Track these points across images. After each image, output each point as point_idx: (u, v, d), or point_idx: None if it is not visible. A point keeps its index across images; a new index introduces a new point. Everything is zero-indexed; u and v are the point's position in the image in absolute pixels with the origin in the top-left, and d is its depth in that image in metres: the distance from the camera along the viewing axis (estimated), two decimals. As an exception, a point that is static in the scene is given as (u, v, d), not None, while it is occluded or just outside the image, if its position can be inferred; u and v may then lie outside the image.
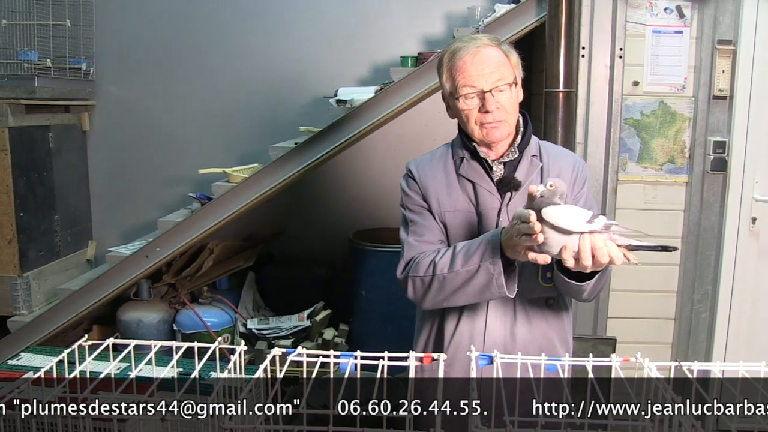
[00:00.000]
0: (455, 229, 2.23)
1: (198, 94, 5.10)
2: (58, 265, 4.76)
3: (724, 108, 3.93)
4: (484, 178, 2.21)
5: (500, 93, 2.14)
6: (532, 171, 2.22)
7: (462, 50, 2.14)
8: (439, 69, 2.22)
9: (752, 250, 4.01)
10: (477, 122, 2.16)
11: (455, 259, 2.11)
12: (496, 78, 2.13)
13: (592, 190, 3.92)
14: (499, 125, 2.15)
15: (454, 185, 2.25)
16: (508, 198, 2.19)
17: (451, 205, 2.23)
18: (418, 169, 2.30)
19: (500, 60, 2.16)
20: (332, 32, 4.98)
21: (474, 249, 2.08)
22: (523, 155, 2.23)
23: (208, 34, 5.05)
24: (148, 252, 4.13)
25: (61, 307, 4.17)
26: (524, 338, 2.22)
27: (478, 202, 2.21)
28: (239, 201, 4.06)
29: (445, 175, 2.26)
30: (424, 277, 2.16)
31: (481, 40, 2.16)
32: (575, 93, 3.91)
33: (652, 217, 4.05)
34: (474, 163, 2.22)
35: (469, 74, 2.12)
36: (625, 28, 3.92)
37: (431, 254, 2.19)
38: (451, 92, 2.18)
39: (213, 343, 1.82)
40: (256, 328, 4.38)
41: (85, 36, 4.90)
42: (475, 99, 2.14)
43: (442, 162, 2.29)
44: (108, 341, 1.82)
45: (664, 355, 4.14)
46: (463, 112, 2.16)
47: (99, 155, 5.20)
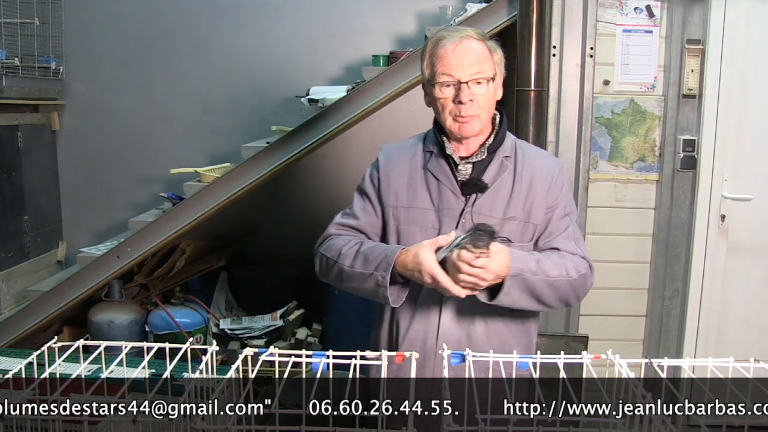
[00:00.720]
0: (409, 225, 2.22)
1: (169, 93, 5.06)
2: (27, 266, 4.70)
3: (694, 107, 3.98)
4: (448, 177, 2.20)
5: (477, 85, 2.13)
6: (502, 173, 2.21)
7: (446, 39, 2.14)
8: (422, 56, 2.21)
9: (721, 247, 4.06)
10: (451, 114, 2.15)
11: (357, 257, 2.17)
12: (475, 70, 2.12)
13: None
14: (472, 120, 2.15)
15: (418, 180, 2.24)
16: (473, 200, 2.18)
17: (409, 201, 2.23)
18: (386, 160, 2.30)
19: (482, 54, 2.15)
20: (304, 31, 4.97)
21: (374, 256, 2.14)
22: (494, 156, 2.21)
23: (179, 32, 5.02)
24: (120, 252, 4.09)
25: (31, 309, 4.12)
26: (480, 341, 2.20)
27: (441, 201, 2.20)
28: (211, 201, 4.04)
29: (410, 169, 2.26)
30: (329, 260, 2.24)
31: (467, 32, 2.16)
32: (546, 92, 3.93)
33: (623, 215, 4.08)
34: (441, 160, 2.22)
35: (448, 62, 2.12)
36: (595, 27, 3.95)
37: (344, 241, 2.24)
38: (429, 79, 2.17)
39: (185, 344, 1.81)
40: (229, 328, 4.36)
41: (54, 35, 4.85)
42: (450, 88, 2.13)
43: (410, 154, 2.28)
44: (78, 342, 1.81)
45: (635, 351, 4.18)
46: (439, 100, 2.15)
47: (69, 155, 5.15)
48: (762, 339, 4.08)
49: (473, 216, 2.16)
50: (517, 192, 2.20)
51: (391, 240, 2.25)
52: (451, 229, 2.13)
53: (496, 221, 2.16)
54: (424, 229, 2.20)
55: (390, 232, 2.26)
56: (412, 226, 2.22)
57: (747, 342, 4.08)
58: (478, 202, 2.17)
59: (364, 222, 2.30)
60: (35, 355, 1.74)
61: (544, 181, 2.22)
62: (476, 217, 2.15)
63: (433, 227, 2.20)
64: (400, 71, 3.91)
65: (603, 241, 4.08)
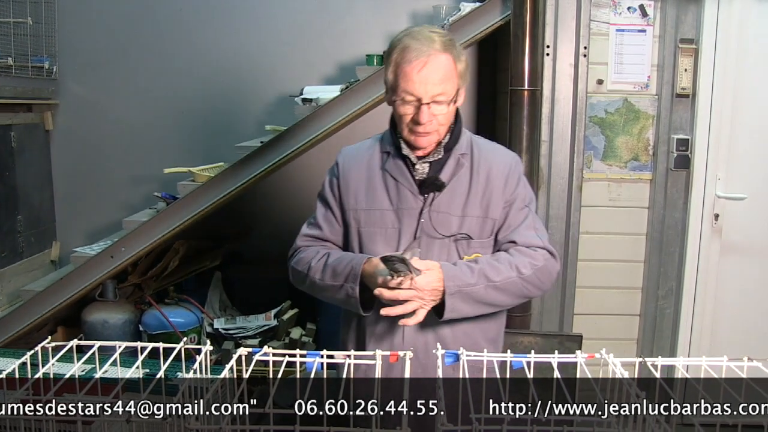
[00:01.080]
0: (369, 227, 2.24)
1: (163, 93, 5.05)
2: (21, 266, 4.69)
3: (687, 106, 3.98)
4: (406, 177, 2.21)
5: (437, 105, 2.12)
6: (458, 170, 2.22)
7: (412, 52, 2.10)
8: (387, 56, 2.18)
9: (715, 246, 4.06)
10: (408, 126, 2.15)
11: (326, 270, 2.21)
12: (438, 91, 2.10)
13: (557, 185, 4.00)
14: (428, 135, 2.15)
15: (376, 181, 2.25)
16: (431, 199, 2.19)
17: (368, 203, 2.24)
18: (345, 162, 2.31)
19: (447, 71, 2.12)
20: (298, 31, 4.96)
21: (341, 268, 2.17)
22: (451, 154, 2.22)
23: (172, 32, 5.01)
24: (113, 252, 4.08)
25: (25, 309, 4.11)
26: (446, 337, 2.21)
27: (400, 201, 2.21)
28: (205, 200, 4.04)
29: (368, 170, 2.27)
30: (300, 273, 2.28)
31: (435, 45, 2.10)
32: (540, 91, 3.94)
33: (617, 215, 4.09)
34: (398, 161, 2.23)
35: (412, 82, 2.09)
36: (589, 26, 3.96)
37: (312, 254, 2.27)
38: (391, 87, 2.16)
39: (179, 344, 1.81)
40: (223, 327, 4.35)
41: (48, 34, 4.84)
42: (411, 106, 2.12)
43: (368, 155, 2.29)
44: (72, 342, 1.80)
45: (629, 351, 4.18)
46: (398, 112, 2.15)
47: (62, 155, 5.13)
48: (755, 338, 4.09)
49: (431, 215, 2.18)
50: (474, 189, 2.22)
51: (353, 242, 2.27)
52: (412, 229, 2.18)
53: (455, 218, 2.19)
54: (384, 230, 2.22)
55: (351, 235, 2.28)
56: (372, 228, 2.23)
57: (740, 341, 4.09)
58: (436, 201, 2.19)
59: (327, 231, 2.33)
60: (29, 355, 1.74)
61: (501, 176, 2.24)
62: (435, 216, 2.18)
63: (393, 227, 2.21)
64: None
65: (597, 241, 4.09)
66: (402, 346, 2.15)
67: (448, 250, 2.20)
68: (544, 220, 4.05)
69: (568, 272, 4.10)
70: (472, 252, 2.21)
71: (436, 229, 2.18)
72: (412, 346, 2.05)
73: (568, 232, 4.08)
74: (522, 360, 1.64)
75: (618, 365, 1.58)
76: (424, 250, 2.16)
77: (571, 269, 4.10)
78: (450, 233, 2.19)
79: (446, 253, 2.19)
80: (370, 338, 2.25)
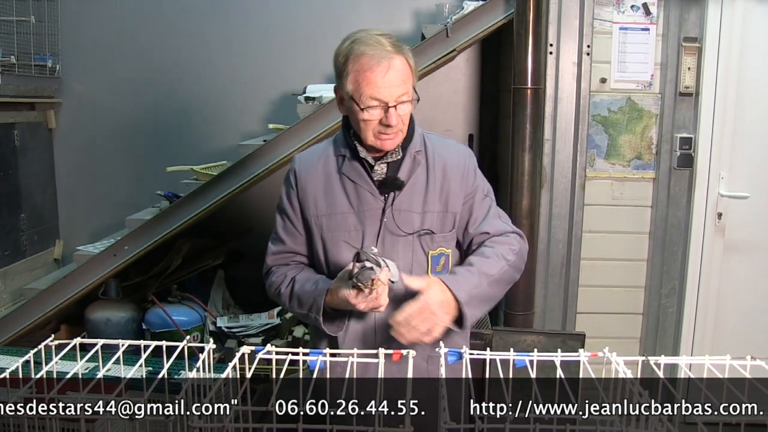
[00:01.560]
0: (332, 232, 2.24)
1: (166, 91, 5.06)
2: (24, 264, 4.70)
3: (690, 105, 3.98)
4: (364, 179, 2.22)
5: (402, 105, 2.12)
6: (415, 168, 2.23)
7: (371, 59, 2.09)
8: (340, 67, 2.16)
9: (718, 245, 4.06)
10: (374, 131, 2.14)
11: (293, 298, 2.26)
12: (402, 92, 2.11)
13: (560, 183, 3.99)
14: (396, 137, 2.16)
15: (334, 185, 2.25)
16: (392, 198, 2.20)
17: (328, 208, 2.24)
18: (301, 169, 2.31)
19: (406, 72, 2.13)
20: (301, 29, 4.96)
21: (305, 298, 2.22)
22: (407, 153, 2.23)
23: (175, 30, 5.01)
24: (116, 251, 4.09)
25: (28, 307, 4.11)
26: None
27: (360, 203, 2.22)
28: (208, 199, 4.04)
29: (325, 174, 2.27)
30: (275, 295, 2.34)
31: (387, 47, 2.11)
32: (543, 90, 3.93)
33: (620, 213, 4.08)
34: (355, 163, 2.23)
35: (377, 87, 2.09)
36: (592, 25, 3.95)
37: (280, 279, 2.31)
38: (352, 96, 2.13)
39: (182, 342, 1.81)
40: (226, 326, 4.36)
41: (51, 32, 4.85)
42: (377, 110, 2.11)
43: (323, 159, 2.29)
44: (75, 341, 1.81)
45: (632, 349, 4.18)
46: (363, 120, 2.13)
47: (65, 153, 5.15)
48: (759, 336, 4.08)
49: (394, 214, 2.19)
50: (432, 185, 2.24)
51: (318, 248, 2.28)
52: (375, 230, 2.20)
53: (417, 215, 2.21)
54: (347, 233, 2.23)
55: (315, 241, 2.28)
56: (335, 232, 2.24)
57: (744, 339, 4.09)
58: (397, 200, 2.20)
59: (290, 243, 2.34)
60: (32, 353, 1.74)
61: (457, 171, 2.26)
62: (397, 215, 2.19)
63: (355, 230, 2.22)
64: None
65: (600, 239, 4.09)
66: (375, 345, 2.14)
67: (412, 247, 2.22)
68: (547, 218, 4.06)
69: (571, 271, 4.10)
70: (436, 246, 2.24)
71: (400, 227, 2.20)
72: (384, 344, 2.05)
73: (571, 231, 4.08)
74: (525, 359, 1.64)
75: (621, 364, 1.58)
76: (389, 249, 2.18)
77: (574, 268, 4.10)
78: (413, 230, 2.21)
79: (410, 249, 2.22)
80: (343, 341, 2.25)
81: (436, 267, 2.24)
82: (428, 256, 2.23)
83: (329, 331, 2.21)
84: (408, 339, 2.07)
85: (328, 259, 2.26)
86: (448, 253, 2.26)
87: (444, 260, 2.25)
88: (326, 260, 2.26)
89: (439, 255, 2.24)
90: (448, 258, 2.26)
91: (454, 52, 4.02)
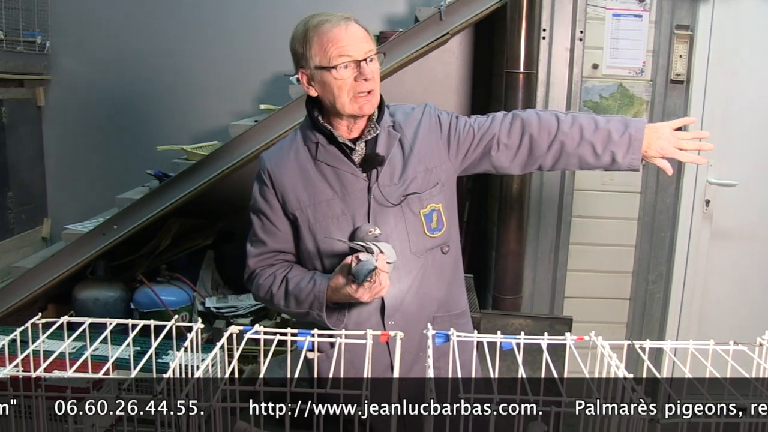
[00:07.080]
0: (320, 221, 2.23)
1: (156, 70, 5.03)
2: (11, 242, 4.68)
3: (681, 92, 3.99)
4: (344, 162, 2.22)
5: (371, 62, 2.15)
6: (392, 142, 2.25)
7: (330, 23, 2.14)
8: (302, 44, 2.17)
9: (705, 232, 4.08)
10: (350, 94, 2.15)
11: (288, 298, 2.23)
12: (368, 48, 2.15)
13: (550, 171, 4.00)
14: (372, 97, 2.17)
15: (311, 174, 2.24)
16: (376, 175, 2.21)
17: (310, 198, 2.23)
18: (272, 166, 2.29)
19: (365, 33, 2.18)
20: (294, 9, 4.92)
21: (303, 296, 2.19)
22: (381, 128, 2.24)
23: (166, 8, 4.98)
24: (105, 230, 4.07)
25: (15, 286, 4.10)
26: (420, 297, 2.25)
27: (343, 186, 2.22)
28: (198, 179, 4.02)
29: (298, 165, 2.26)
30: (264, 299, 2.31)
31: (343, 15, 2.17)
32: (535, 75, 3.93)
33: (609, 199, 4.10)
34: (331, 147, 2.22)
35: (344, 44, 2.11)
36: (585, 11, 3.95)
37: (270, 281, 2.27)
38: (322, 65, 2.14)
39: (170, 322, 1.81)
40: (215, 306, 4.36)
41: (40, 8, 4.81)
42: (349, 69, 2.13)
43: (293, 151, 2.28)
44: (62, 319, 1.80)
45: (619, 334, 4.21)
46: (337, 82, 2.14)
47: (54, 131, 5.12)
48: (743, 322, 4.11)
49: (381, 189, 2.20)
50: (407, 151, 2.26)
51: (307, 241, 2.26)
52: (364, 209, 2.20)
53: (400, 184, 2.23)
54: (335, 219, 2.22)
55: (304, 235, 2.26)
56: (324, 221, 2.23)
57: (728, 325, 4.12)
58: (381, 175, 2.21)
59: (271, 243, 2.31)
60: (19, 331, 1.73)
61: (425, 128, 2.30)
62: (383, 189, 2.20)
63: (343, 214, 2.21)
64: (390, 51, 3.90)
65: (588, 225, 4.10)
66: (382, 326, 2.16)
67: (403, 214, 2.22)
68: (537, 203, 4.07)
69: (559, 256, 4.12)
70: (426, 204, 2.25)
71: (388, 200, 2.21)
72: (390, 321, 2.08)
73: (560, 216, 4.09)
74: (512, 341, 1.65)
75: (606, 348, 1.59)
76: (381, 223, 2.19)
77: (562, 253, 4.12)
78: (399, 200, 2.22)
79: (402, 217, 2.22)
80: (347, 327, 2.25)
81: (430, 224, 2.25)
82: (420, 216, 2.24)
83: (332, 326, 2.19)
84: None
85: (320, 249, 2.24)
86: (439, 207, 2.26)
87: (436, 215, 2.26)
88: (318, 251, 2.25)
89: (430, 212, 2.25)
90: (440, 211, 2.26)
91: (448, 35, 4.00)
